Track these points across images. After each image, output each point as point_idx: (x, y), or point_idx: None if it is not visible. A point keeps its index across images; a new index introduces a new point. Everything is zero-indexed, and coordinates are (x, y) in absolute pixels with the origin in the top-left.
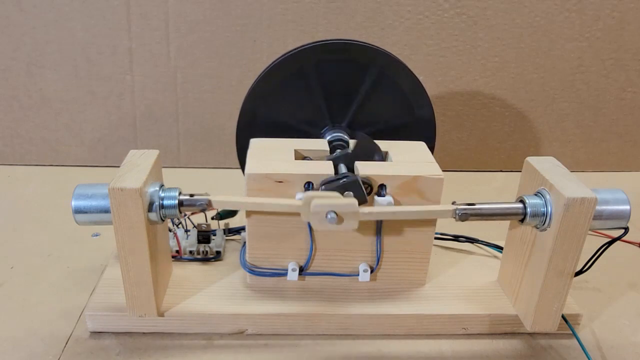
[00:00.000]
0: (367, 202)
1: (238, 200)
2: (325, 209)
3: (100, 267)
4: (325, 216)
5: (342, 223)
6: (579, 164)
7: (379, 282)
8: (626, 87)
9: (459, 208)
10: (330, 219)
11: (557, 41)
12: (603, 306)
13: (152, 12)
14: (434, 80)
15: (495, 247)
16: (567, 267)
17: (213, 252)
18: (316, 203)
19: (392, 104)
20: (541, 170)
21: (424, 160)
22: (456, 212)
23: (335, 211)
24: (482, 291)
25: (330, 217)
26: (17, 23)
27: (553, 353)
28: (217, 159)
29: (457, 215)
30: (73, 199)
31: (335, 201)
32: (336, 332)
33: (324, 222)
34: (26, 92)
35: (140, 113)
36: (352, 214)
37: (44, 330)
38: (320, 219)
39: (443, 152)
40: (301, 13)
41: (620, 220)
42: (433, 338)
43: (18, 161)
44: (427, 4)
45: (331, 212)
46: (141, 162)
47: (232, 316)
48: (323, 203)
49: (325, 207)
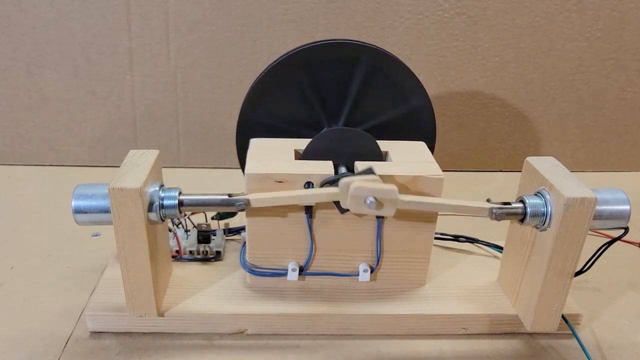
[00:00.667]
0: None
1: (275, 196)
2: (365, 193)
3: (100, 267)
4: (364, 201)
5: (381, 208)
6: (579, 164)
7: (379, 282)
8: (626, 87)
9: (495, 207)
10: (369, 203)
11: (557, 41)
12: (603, 306)
13: (152, 12)
14: (434, 80)
15: (495, 247)
16: (567, 267)
17: (213, 252)
18: (356, 186)
19: (385, 97)
20: (541, 170)
21: (424, 160)
22: (492, 211)
23: (375, 196)
24: (482, 291)
25: (370, 201)
26: (17, 23)
27: (553, 353)
28: (217, 159)
29: (494, 215)
30: (73, 199)
31: (376, 185)
32: (336, 332)
33: (362, 206)
34: (26, 92)
35: (140, 113)
36: (392, 201)
37: (44, 330)
38: (358, 202)
39: (443, 152)
40: (301, 13)
41: (620, 220)
42: (433, 338)
43: (18, 161)
44: (427, 4)
45: (371, 196)
46: (141, 162)
47: (232, 316)
48: (363, 186)
49: (366, 192)
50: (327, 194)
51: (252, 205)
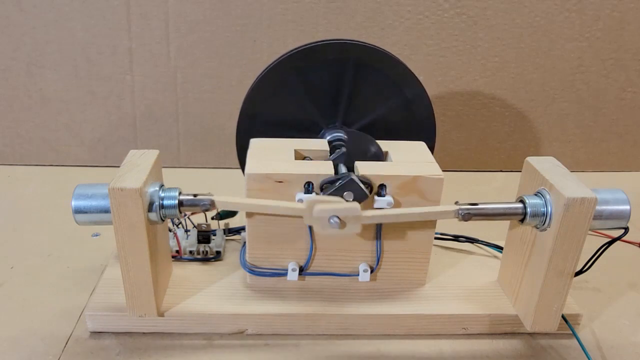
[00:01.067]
0: (368, 198)
1: (240, 202)
2: (327, 214)
3: (100, 267)
4: (328, 221)
5: (345, 227)
6: (579, 164)
7: (379, 282)
8: (626, 87)
9: (462, 208)
10: (333, 223)
11: (557, 41)
12: (603, 306)
13: (152, 12)
14: (434, 80)
15: (495, 247)
16: (567, 267)
17: (213, 252)
18: (319, 208)
19: (379, 91)
20: (541, 170)
21: (424, 160)
22: (459, 212)
23: (338, 216)
24: (482, 291)
25: (333, 221)
26: (17, 23)
27: (553, 353)
28: (217, 159)
29: (460, 215)
30: (73, 199)
31: (337, 206)
32: (336, 332)
33: (326, 226)
34: (26, 92)
35: (140, 113)
36: (355, 218)
37: (44, 330)
38: (323, 223)
39: (443, 152)
40: (301, 13)
41: (620, 220)
42: (433, 338)
43: (18, 161)
44: (427, 4)
45: (334, 216)
46: (141, 162)
47: (232, 316)
48: (325, 208)
49: (328, 212)
50: (294, 209)
51: (216, 207)
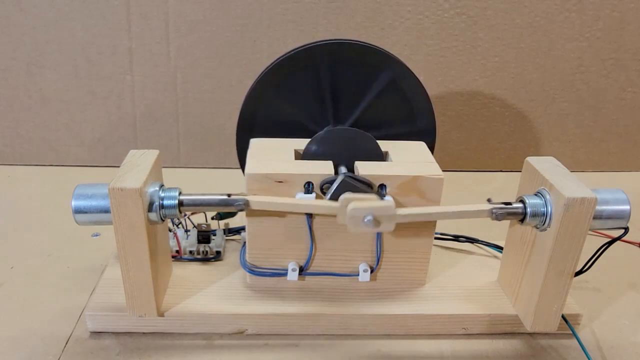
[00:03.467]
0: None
1: (274, 201)
2: (362, 213)
3: (100, 267)
4: (362, 220)
5: (379, 226)
6: (579, 164)
7: (379, 282)
8: (626, 87)
9: (496, 207)
10: (367, 222)
11: (557, 41)
12: (603, 306)
13: (152, 12)
14: (434, 80)
15: (495, 247)
16: (567, 267)
17: (213, 252)
18: (353, 206)
19: (395, 113)
20: (541, 170)
21: (424, 160)
22: (492, 211)
23: (373, 214)
24: (482, 291)
25: (368, 220)
26: (17, 23)
27: (553, 353)
28: (217, 159)
29: (494, 215)
30: (73, 199)
31: (373, 204)
32: (336, 332)
33: (360, 225)
34: (26, 92)
35: (140, 113)
36: (390, 217)
37: (44, 330)
38: (357, 222)
39: (443, 152)
40: (301, 13)
41: (620, 220)
42: (433, 338)
43: (18, 161)
44: (427, 4)
45: (369, 215)
46: (141, 162)
47: (232, 316)
48: (361, 206)
49: (363, 211)
50: (328, 207)
51: (251, 207)
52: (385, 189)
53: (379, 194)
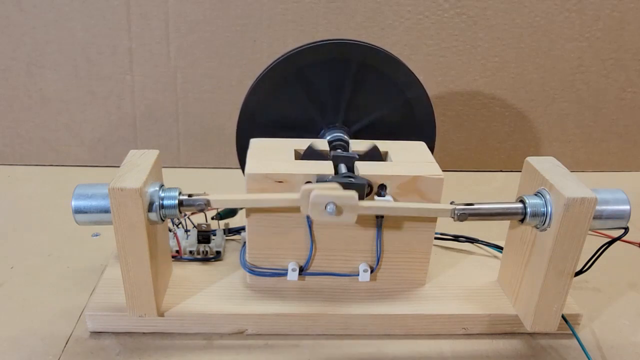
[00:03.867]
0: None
1: (237, 198)
2: (324, 200)
3: (100, 267)
4: (324, 208)
5: (341, 215)
6: (579, 164)
7: (379, 282)
8: (626, 87)
9: (458, 208)
10: (329, 210)
11: (557, 41)
12: (603, 306)
13: (152, 12)
14: (434, 80)
15: (495, 247)
16: (567, 267)
17: (213, 252)
18: (316, 194)
19: (379, 91)
20: (541, 170)
21: (424, 160)
22: (454, 211)
23: (334, 202)
24: (482, 291)
25: (330, 208)
26: (17, 23)
27: (553, 353)
28: (217, 159)
29: (456, 215)
30: (73, 199)
31: (335, 192)
32: (336, 332)
33: (323, 213)
34: (26, 92)
35: (140, 113)
36: (352, 207)
37: (44, 330)
38: (319, 210)
39: (443, 152)
40: (301, 13)
41: (620, 220)
42: (433, 338)
43: (18, 161)
44: (427, 4)
45: (330, 203)
46: (141, 162)
47: (232, 316)
48: (323, 194)
49: (325, 198)
50: (288, 200)
51: (212, 206)
52: (386, 189)
53: (379, 194)
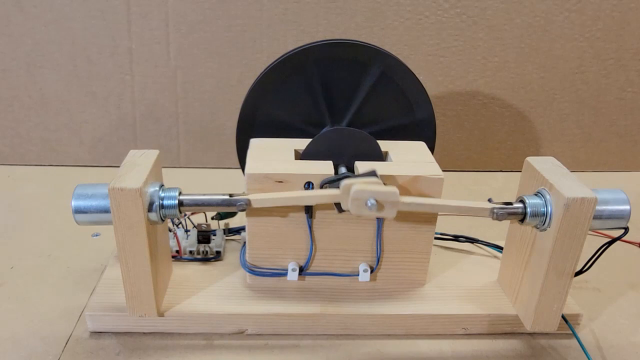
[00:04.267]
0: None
1: (275, 197)
2: (366, 195)
3: (100, 267)
4: (365, 203)
5: (382, 211)
6: (579, 164)
7: (379, 282)
8: (626, 87)
9: (496, 207)
10: (370, 205)
11: (557, 41)
12: (603, 306)
13: (152, 12)
14: (434, 80)
15: (495, 247)
16: (567, 267)
17: (213, 252)
18: (357, 189)
19: (391, 104)
20: (541, 170)
21: (424, 160)
22: (493, 211)
23: (376, 198)
24: (482, 291)
25: (371, 204)
26: (17, 23)
27: (553, 353)
28: (217, 159)
29: (495, 215)
30: (73, 199)
31: (377, 188)
32: (336, 332)
33: (363, 208)
34: (26, 92)
35: (140, 113)
36: (393, 203)
37: (44, 330)
38: (359, 205)
39: (443, 152)
40: (301, 13)
41: (620, 220)
42: (433, 338)
43: (18, 161)
44: (427, 4)
45: (372, 199)
46: (141, 162)
47: (232, 316)
48: (364, 189)
49: (367, 194)
50: (329, 196)
51: (253, 206)
52: None
53: None
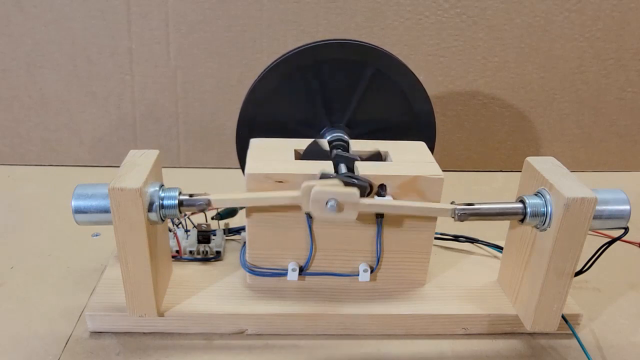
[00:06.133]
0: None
1: (237, 197)
2: (325, 197)
3: (100, 267)
4: (325, 204)
5: (341, 212)
6: (579, 164)
7: (379, 282)
8: (626, 87)
9: (458, 208)
10: (330, 207)
11: (557, 41)
12: (603, 306)
13: (152, 12)
14: (434, 80)
15: (495, 247)
16: (567, 267)
17: (213, 252)
18: (317, 190)
19: (390, 102)
20: (541, 170)
21: (424, 160)
22: (455, 211)
23: (335, 199)
24: (482, 291)
25: (330, 205)
26: (17, 23)
27: (553, 353)
28: (217, 159)
29: (456, 215)
30: (73, 199)
31: (336, 189)
32: (336, 332)
33: (324, 210)
34: (26, 92)
35: (140, 113)
36: (353, 204)
37: (44, 330)
38: (320, 207)
39: (443, 152)
40: (301, 13)
41: (620, 220)
42: (433, 338)
43: (18, 161)
44: (427, 4)
45: (332, 199)
46: (141, 162)
47: (232, 316)
48: (324, 190)
49: (326, 195)
50: (288, 197)
51: (213, 205)
52: (386, 189)
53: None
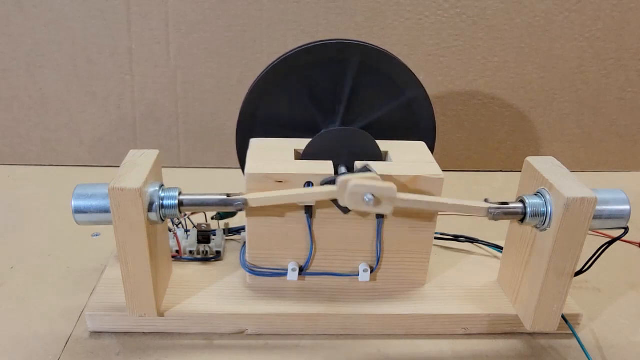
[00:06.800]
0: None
1: (272, 195)
2: (363, 190)
3: (100, 267)
4: (362, 198)
5: (379, 206)
6: (579, 164)
7: (379, 282)
8: (626, 87)
9: (493, 207)
10: (368, 200)
11: (557, 41)
12: (603, 306)
13: (152, 12)
14: (434, 80)
15: (495, 247)
16: (567, 267)
17: (213, 252)
18: (354, 184)
19: (379, 91)
20: (541, 170)
21: (424, 160)
22: (489, 210)
23: (373, 193)
24: (482, 291)
25: (368, 198)
26: (17, 23)
27: (553, 353)
28: (217, 159)
29: (491, 215)
30: (73, 199)
31: (375, 183)
32: (336, 332)
33: (360, 203)
34: (26, 92)
35: (140, 113)
36: (389, 199)
37: (44, 330)
38: (357, 200)
39: (443, 152)
40: (301, 13)
41: (620, 220)
42: (433, 338)
43: (18, 161)
44: (427, 4)
45: (369, 194)
46: (141, 162)
47: (232, 316)
48: (362, 184)
49: (364, 189)
50: (325, 192)
51: (250, 205)
52: None
53: None
